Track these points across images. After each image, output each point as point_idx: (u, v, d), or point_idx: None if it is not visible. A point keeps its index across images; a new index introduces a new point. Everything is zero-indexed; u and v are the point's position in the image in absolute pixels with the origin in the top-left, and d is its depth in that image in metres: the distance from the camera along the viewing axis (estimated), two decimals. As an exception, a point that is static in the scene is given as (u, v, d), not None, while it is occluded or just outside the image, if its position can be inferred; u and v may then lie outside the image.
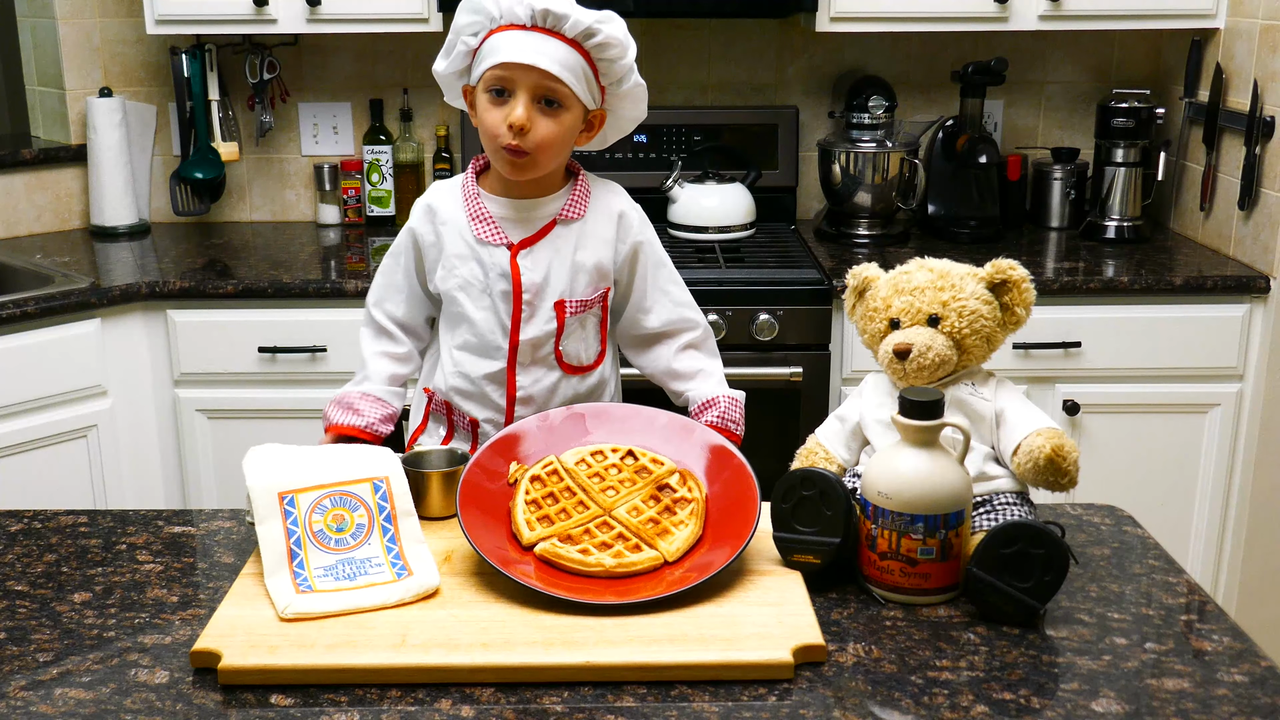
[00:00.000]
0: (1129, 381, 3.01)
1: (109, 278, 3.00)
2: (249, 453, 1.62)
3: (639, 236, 2.00)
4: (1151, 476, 3.06)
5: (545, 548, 1.54)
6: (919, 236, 3.42)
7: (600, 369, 2.03)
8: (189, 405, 3.02)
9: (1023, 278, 1.65)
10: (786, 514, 1.54)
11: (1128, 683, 1.35)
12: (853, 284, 1.74)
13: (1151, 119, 3.32)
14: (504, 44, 1.83)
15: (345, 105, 3.59)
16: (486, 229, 1.94)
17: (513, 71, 1.82)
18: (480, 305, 1.95)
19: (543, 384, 1.98)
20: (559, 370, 1.99)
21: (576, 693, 1.33)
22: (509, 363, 1.96)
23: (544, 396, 1.98)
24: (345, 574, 1.51)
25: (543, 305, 1.94)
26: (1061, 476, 1.54)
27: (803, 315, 2.95)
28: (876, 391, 1.69)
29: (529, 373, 1.97)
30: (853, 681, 1.35)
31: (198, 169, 3.47)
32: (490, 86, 1.85)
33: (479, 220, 1.95)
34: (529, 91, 1.83)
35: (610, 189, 2.02)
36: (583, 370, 2.01)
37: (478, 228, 1.94)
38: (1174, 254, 3.20)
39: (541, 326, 1.95)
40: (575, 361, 1.99)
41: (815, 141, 3.50)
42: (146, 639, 1.44)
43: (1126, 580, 1.58)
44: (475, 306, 1.96)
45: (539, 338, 1.96)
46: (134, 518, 1.78)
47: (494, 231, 1.94)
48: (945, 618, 1.48)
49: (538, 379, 1.98)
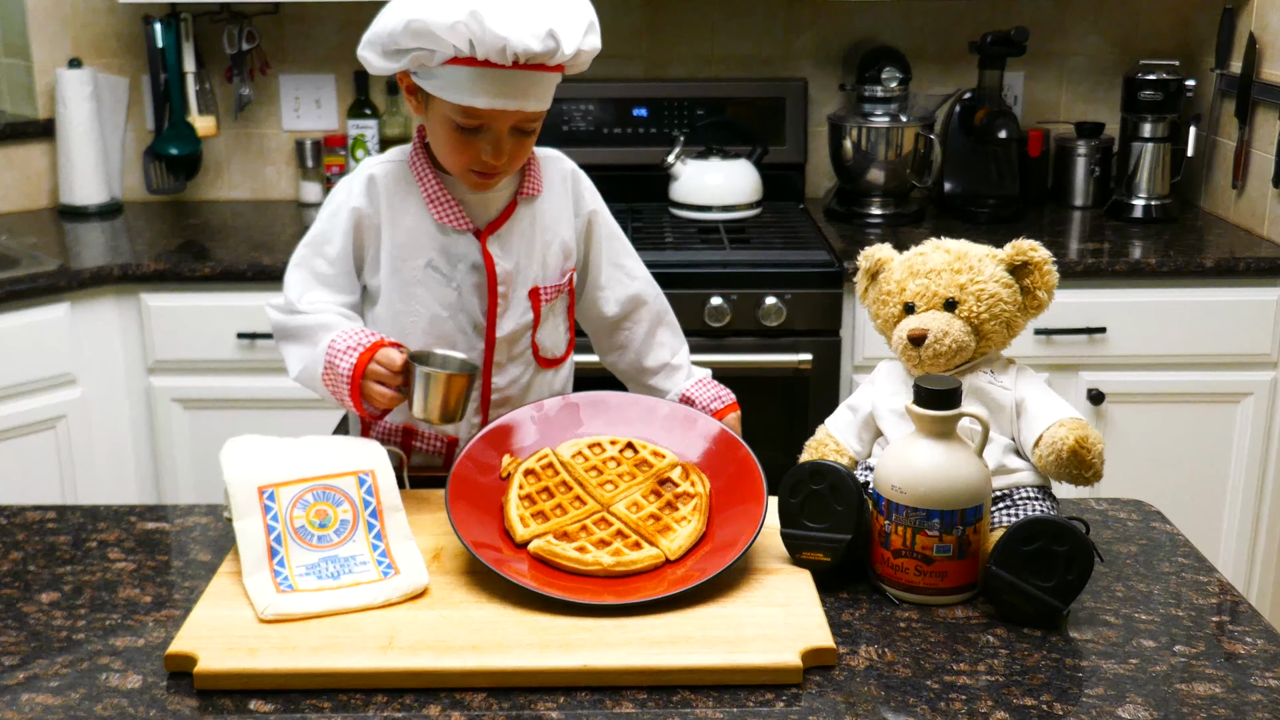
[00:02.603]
0: (1157, 369, 3.01)
1: (79, 260, 2.99)
2: (227, 444, 1.62)
3: (592, 205, 1.97)
4: (1181, 469, 3.05)
5: (540, 545, 1.54)
6: (935, 216, 3.41)
7: (569, 359, 2.02)
8: (164, 394, 3.01)
9: (1045, 259, 1.64)
10: (795, 509, 1.54)
11: (1156, 688, 1.34)
12: (865, 266, 1.74)
13: (1181, 91, 3.31)
14: (479, 84, 1.69)
15: (329, 77, 3.58)
16: (448, 212, 1.83)
17: (490, 114, 1.72)
18: (444, 301, 1.85)
19: (520, 382, 1.93)
20: (535, 365, 1.94)
21: (573, 698, 1.33)
22: (484, 363, 1.89)
23: (520, 396, 1.94)
24: (328, 573, 1.50)
25: (517, 296, 1.88)
26: (1085, 469, 1.54)
27: (812, 299, 2.94)
28: (890, 380, 1.69)
29: (505, 372, 1.91)
30: (865, 686, 1.35)
31: (173, 145, 3.46)
32: (459, 124, 1.74)
33: (438, 203, 1.83)
34: (506, 126, 1.74)
35: (551, 155, 1.95)
36: (557, 362, 1.98)
37: (437, 211, 1.83)
38: (1204, 234, 3.20)
39: (518, 319, 1.89)
40: (550, 354, 1.96)
41: (825, 116, 3.50)
42: (118, 641, 1.44)
43: (1154, 579, 1.58)
44: (438, 303, 1.85)
45: (516, 331, 1.90)
46: (105, 513, 1.78)
47: (457, 215, 1.83)
48: (963, 619, 1.48)
49: (515, 378, 1.92)
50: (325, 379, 1.77)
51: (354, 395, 1.73)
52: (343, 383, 1.74)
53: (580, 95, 3.47)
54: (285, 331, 1.86)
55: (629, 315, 2.01)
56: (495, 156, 1.76)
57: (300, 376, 1.84)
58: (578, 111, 3.46)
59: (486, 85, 1.70)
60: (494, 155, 1.75)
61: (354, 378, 1.73)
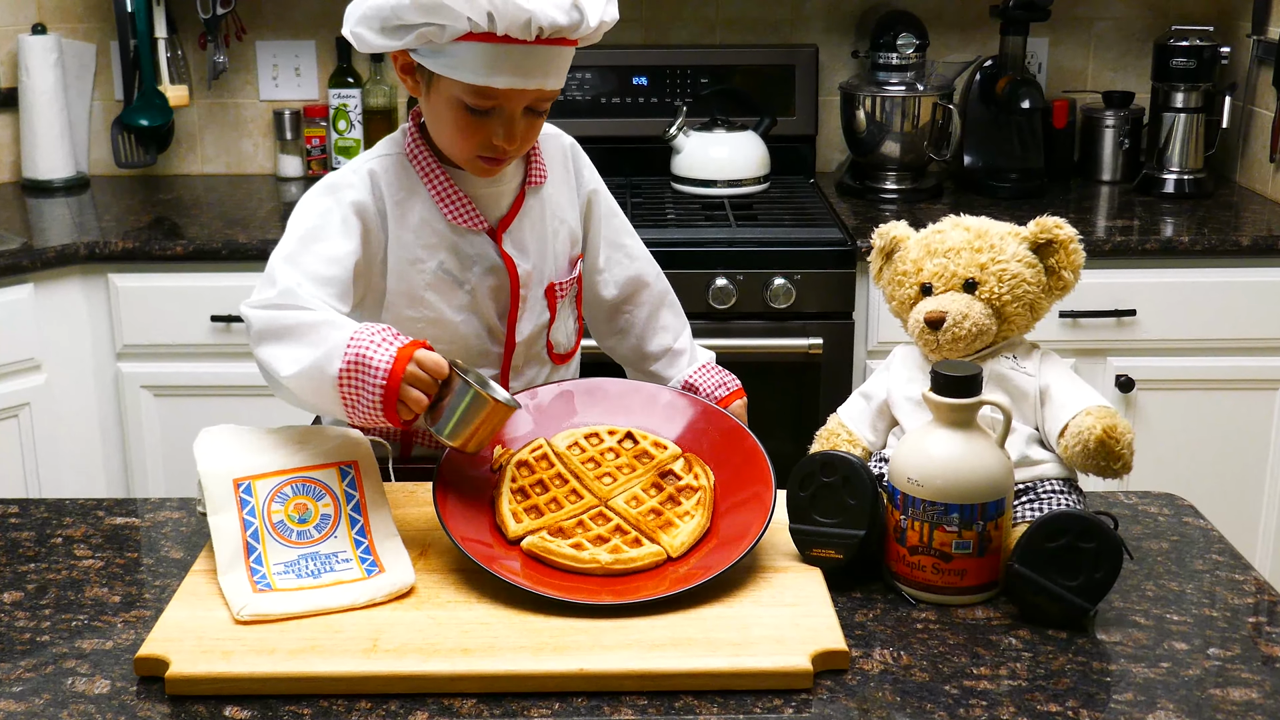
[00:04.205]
0: (1190, 354, 3.01)
1: (43, 237, 2.99)
2: (200, 434, 1.62)
3: (592, 184, 1.96)
4: (1215, 461, 3.06)
5: (534, 541, 1.54)
6: (954, 191, 3.41)
7: (577, 351, 2.01)
8: (133, 381, 3.02)
9: (1070, 237, 1.64)
10: (805, 503, 1.54)
11: (1188, 693, 1.34)
12: (879, 245, 1.74)
13: (1215, 59, 3.30)
14: (496, 62, 1.64)
15: (309, 44, 3.57)
16: (460, 211, 1.79)
17: (506, 94, 1.67)
18: (457, 306, 1.82)
19: (535, 382, 1.92)
20: (550, 362, 1.95)
21: (569, 704, 1.33)
22: (502, 369, 1.88)
23: None
24: (309, 571, 1.50)
25: (534, 295, 1.87)
26: (1114, 461, 1.54)
27: (823, 280, 2.94)
28: (906, 365, 1.69)
29: (522, 375, 1.90)
30: (879, 692, 1.35)
31: (143, 115, 3.45)
32: (470, 105, 1.69)
33: (448, 201, 1.78)
34: (520, 106, 1.70)
35: (548, 132, 1.91)
36: (569, 356, 1.98)
37: (448, 209, 1.78)
38: (1240, 210, 3.20)
39: (535, 320, 1.88)
40: (563, 350, 1.96)
41: (837, 85, 3.49)
42: (85, 644, 1.44)
43: (1187, 578, 1.58)
44: (451, 307, 1.82)
45: (534, 333, 1.89)
46: (71, 507, 1.77)
47: (470, 214, 1.79)
48: (983, 620, 1.48)
49: (530, 379, 1.92)
50: (344, 379, 1.54)
51: (388, 398, 1.52)
52: (374, 382, 1.52)
53: (575, 63, 3.44)
54: (274, 330, 1.62)
55: (630, 298, 2.01)
56: (508, 140, 1.71)
57: (296, 378, 1.59)
58: (573, 80, 3.45)
59: (504, 63, 1.65)
60: (507, 139, 1.71)
61: (393, 375, 1.52)
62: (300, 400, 1.63)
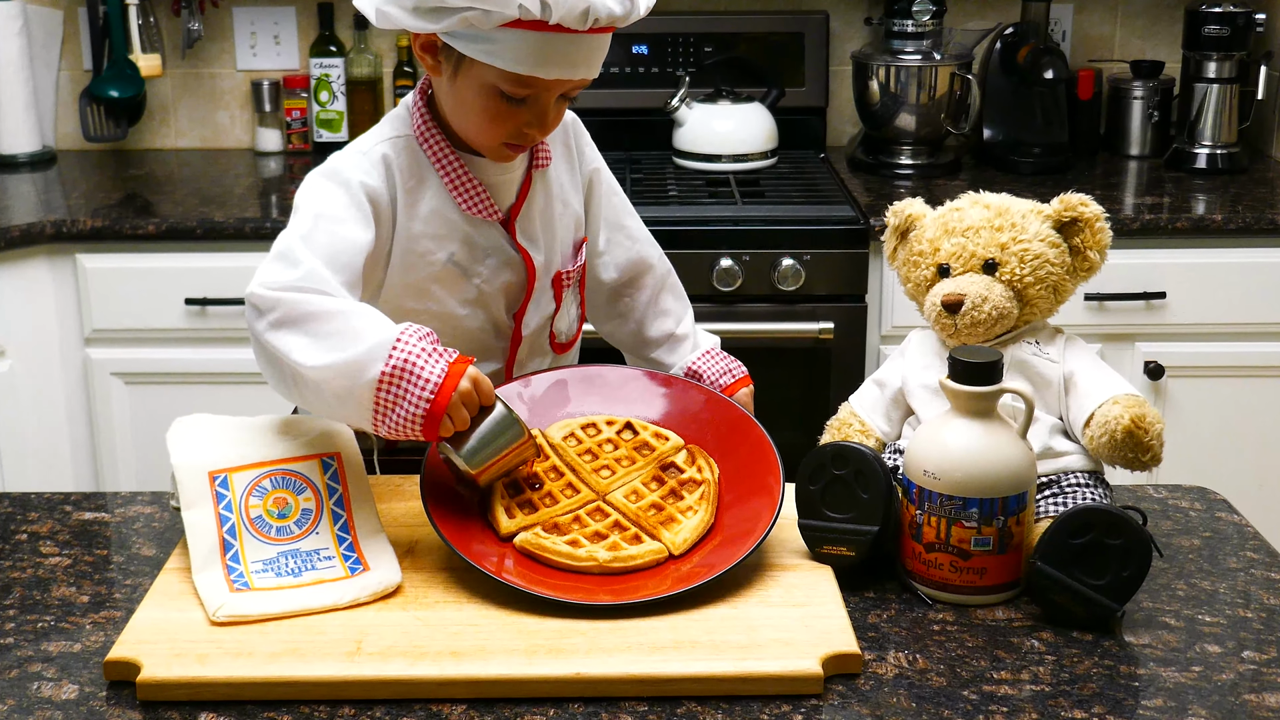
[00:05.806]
0: (1223, 339, 3.01)
1: (7, 215, 2.99)
2: (174, 424, 1.62)
3: (594, 162, 1.96)
4: (1250, 452, 3.06)
5: (527, 539, 1.54)
6: (972, 167, 3.41)
7: (579, 338, 2.02)
8: (103, 368, 3.02)
9: (1096, 215, 1.64)
10: (815, 497, 1.54)
11: (1221, 698, 1.35)
12: (894, 223, 1.74)
13: (1250, 27, 3.30)
14: (543, 51, 1.61)
15: (288, 10, 3.57)
16: (474, 200, 1.77)
17: (546, 83, 1.66)
18: (464, 300, 1.81)
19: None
20: (551, 352, 1.95)
21: (565, 710, 1.33)
22: (507, 363, 1.88)
23: None
24: (289, 569, 1.51)
25: (541, 285, 1.87)
26: (1143, 452, 1.55)
27: (834, 260, 2.94)
28: (922, 351, 1.69)
29: (525, 368, 1.91)
30: (893, 697, 1.35)
31: (113, 86, 3.45)
32: (506, 93, 1.66)
33: (462, 189, 1.76)
34: (556, 94, 1.69)
35: None
36: (570, 344, 1.99)
37: (462, 198, 1.76)
38: (1277, 187, 3.20)
39: (542, 312, 1.89)
40: (565, 338, 1.96)
41: (849, 54, 3.49)
42: (52, 646, 1.44)
43: (1220, 576, 1.58)
44: (456, 301, 1.81)
45: (539, 325, 1.90)
46: (37, 501, 1.78)
47: (484, 203, 1.78)
48: (1004, 621, 1.48)
49: (533, 369, 1.91)
50: (384, 384, 1.50)
51: (433, 414, 1.49)
52: (419, 395, 1.49)
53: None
54: (296, 315, 1.56)
55: (631, 281, 2.01)
56: (540, 128, 1.71)
57: (323, 370, 1.53)
58: (569, 48, 3.45)
59: (552, 52, 1.62)
60: (540, 127, 1.71)
61: (444, 390, 1.49)
62: (308, 396, 1.58)
